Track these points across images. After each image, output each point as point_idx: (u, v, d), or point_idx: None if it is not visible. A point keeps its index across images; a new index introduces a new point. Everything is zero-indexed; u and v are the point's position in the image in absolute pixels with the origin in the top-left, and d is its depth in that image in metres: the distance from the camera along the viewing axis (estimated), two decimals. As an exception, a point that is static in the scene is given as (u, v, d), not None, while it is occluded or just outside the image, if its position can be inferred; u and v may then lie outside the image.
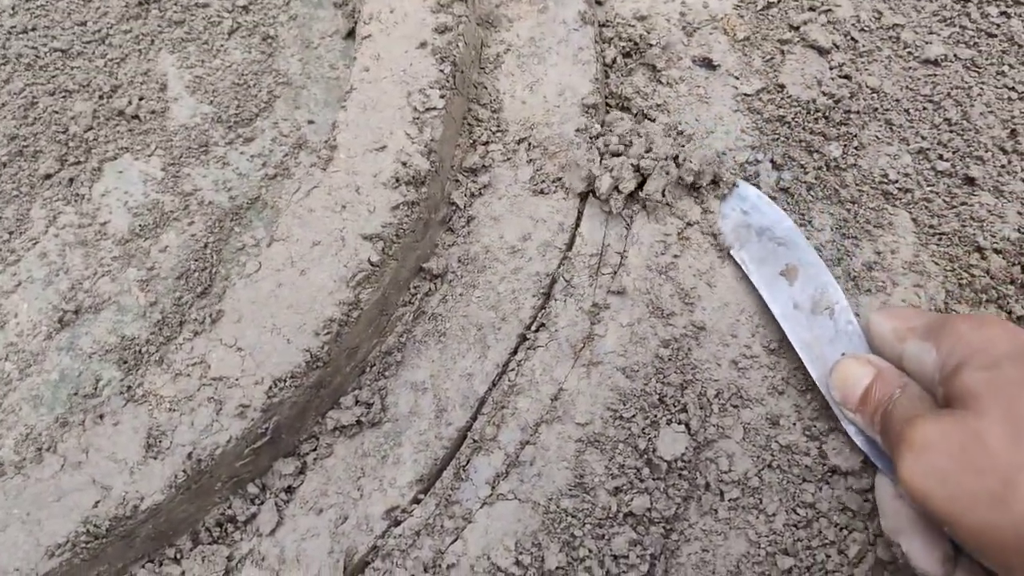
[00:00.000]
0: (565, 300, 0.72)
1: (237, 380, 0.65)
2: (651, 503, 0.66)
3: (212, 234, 0.83)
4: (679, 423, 0.68)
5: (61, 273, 0.83)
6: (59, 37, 0.95)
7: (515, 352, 0.72)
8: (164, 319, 0.79)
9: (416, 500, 0.68)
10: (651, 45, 0.84)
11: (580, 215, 0.76)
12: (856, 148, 0.80)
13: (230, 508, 0.67)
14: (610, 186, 0.74)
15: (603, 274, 0.73)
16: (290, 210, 0.71)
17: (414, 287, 0.75)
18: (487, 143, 0.80)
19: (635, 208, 0.75)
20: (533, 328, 0.72)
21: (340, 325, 0.67)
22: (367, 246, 0.69)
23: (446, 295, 0.75)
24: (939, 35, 0.86)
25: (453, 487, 0.68)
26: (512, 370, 0.71)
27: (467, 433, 0.70)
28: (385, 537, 0.66)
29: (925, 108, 0.82)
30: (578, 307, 0.72)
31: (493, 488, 0.67)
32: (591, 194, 0.76)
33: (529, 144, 0.79)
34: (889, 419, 0.57)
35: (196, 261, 0.82)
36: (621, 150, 0.75)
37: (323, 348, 0.66)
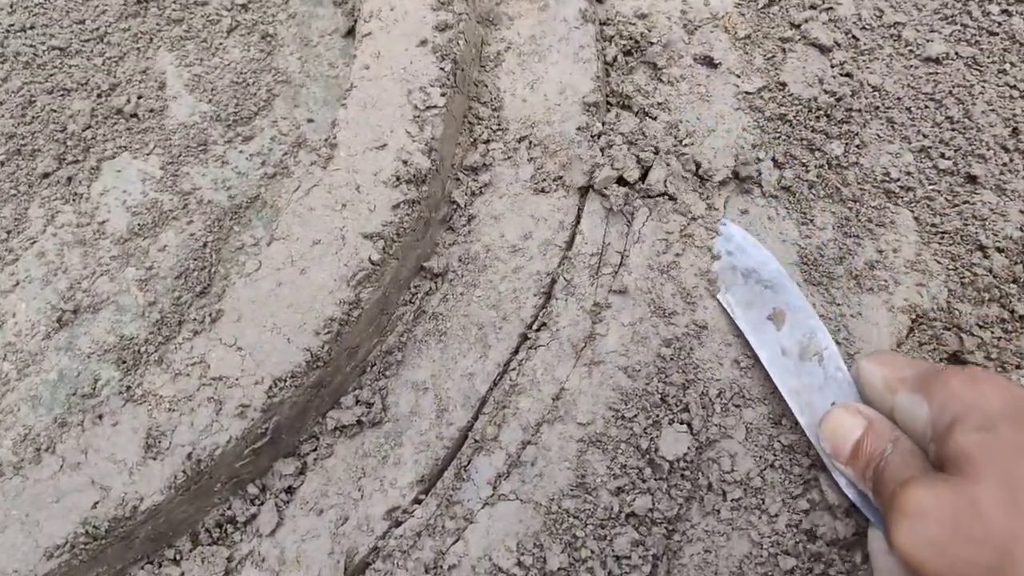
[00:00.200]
0: (566, 299, 0.72)
1: (237, 380, 0.64)
2: (653, 503, 0.66)
3: (211, 233, 0.82)
4: (681, 423, 0.68)
5: (59, 272, 0.82)
6: (57, 35, 0.94)
7: (516, 351, 0.72)
8: (163, 319, 0.79)
9: (417, 500, 0.67)
10: (652, 43, 0.83)
11: (580, 212, 0.75)
12: (858, 146, 0.80)
13: (230, 509, 0.67)
14: (608, 177, 0.73)
15: (604, 273, 0.73)
16: (290, 209, 0.71)
17: (415, 286, 0.74)
18: (488, 141, 0.79)
19: (636, 204, 0.75)
20: (534, 327, 0.72)
21: (340, 324, 0.66)
22: (368, 245, 0.68)
23: (447, 294, 0.74)
24: (940, 33, 0.86)
25: (454, 487, 0.67)
26: (513, 370, 0.71)
27: (468, 433, 0.69)
28: (386, 538, 0.66)
29: (927, 106, 0.82)
30: (579, 306, 0.72)
31: (494, 488, 0.67)
32: (591, 189, 0.76)
33: (530, 142, 0.79)
34: (881, 477, 0.54)
35: (195, 260, 0.81)
36: (624, 148, 0.75)
37: (323, 347, 0.66)
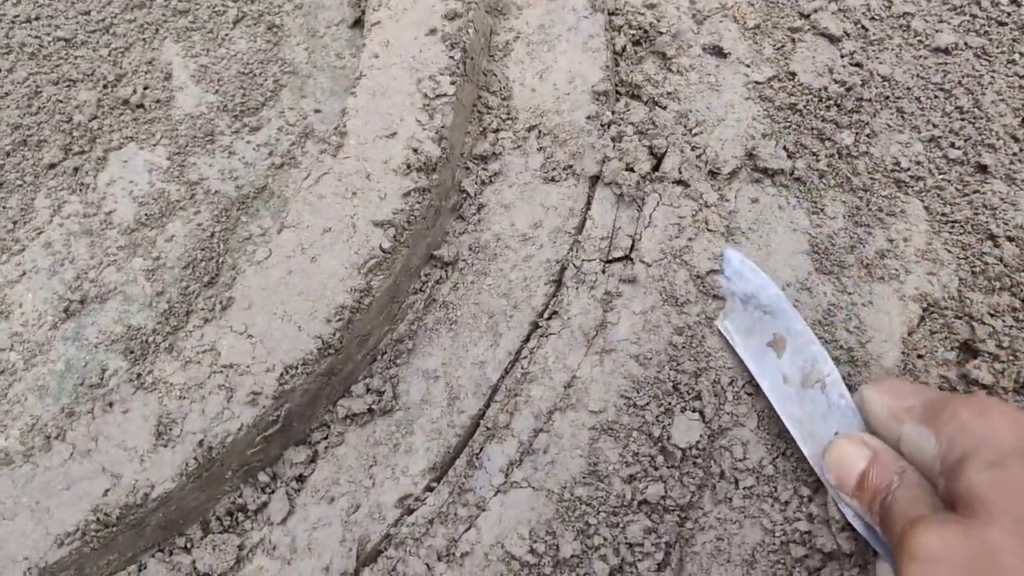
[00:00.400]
0: (577, 287, 0.72)
1: (248, 367, 0.64)
2: (666, 491, 0.65)
3: (219, 223, 0.82)
4: (693, 411, 0.68)
5: (66, 263, 0.82)
6: (63, 26, 0.94)
7: (527, 340, 0.71)
8: (171, 309, 0.79)
9: (429, 488, 0.67)
10: (661, 33, 0.83)
11: (590, 199, 0.75)
12: (868, 136, 0.80)
13: (241, 497, 0.67)
14: (617, 169, 0.73)
15: (614, 257, 0.72)
16: (300, 197, 0.71)
17: (425, 274, 0.74)
18: (497, 130, 0.79)
19: (647, 190, 0.75)
20: (545, 316, 0.72)
21: (351, 312, 0.66)
22: (378, 233, 0.68)
23: (457, 283, 0.74)
24: (949, 23, 0.86)
25: (466, 475, 0.67)
26: (524, 358, 0.70)
27: (480, 421, 0.69)
28: (398, 526, 0.66)
29: (936, 96, 0.82)
30: (590, 294, 0.72)
31: (507, 476, 0.67)
32: (600, 178, 0.76)
33: (539, 132, 0.78)
34: (889, 512, 0.52)
35: (203, 251, 0.81)
36: (635, 139, 0.75)
37: (335, 335, 0.65)
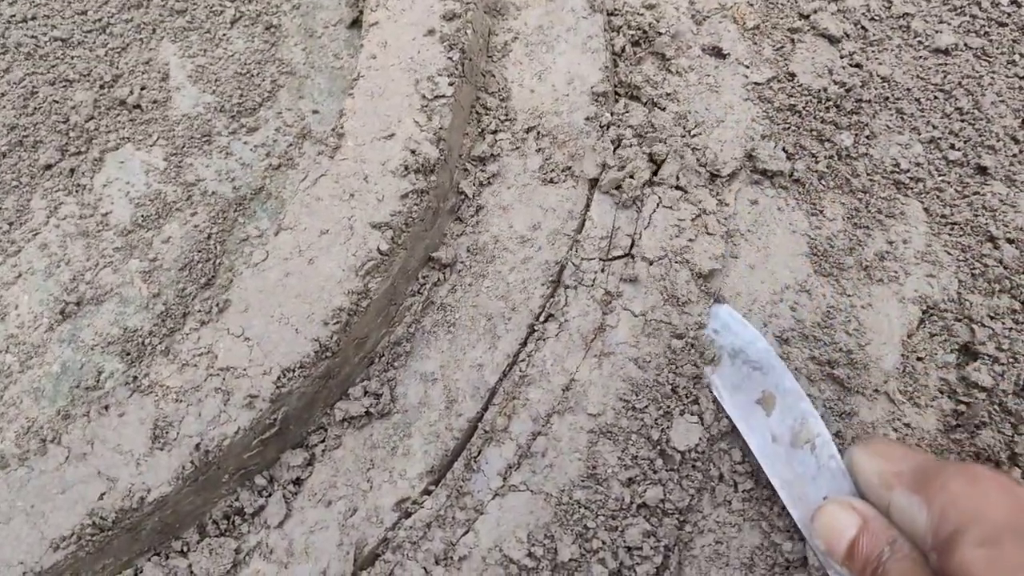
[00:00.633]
0: (576, 288, 0.71)
1: (245, 370, 0.64)
2: (665, 494, 0.65)
3: (216, 225, 0.82)
4: (692, 414, 0.68)
5: (62, 264, 0.81)
6: (59, 26, 0.94)
7: (526, 342, 0.71)
8: (167, 311, 0.78)
9: (427, 492, 0.67)
10: (660, 34, 0.83)
11: (590, 201, 0.75)
12: (867, 137, 0.80)
13: (237, 500, 0.66)
14: (615, 180, 0.73)
15: (614, 257, 0.72)
16: (298, 198, 0.70)
17: (423, 277, 0.74)
18: (496, 132, 0.79)
19: (646, 192, 0.75)
20: (543, 319, 0.72)
21: (349, 314, 0.66)
22: (376, 235, 0.68)
23: (455, 285, 0.74)
24: (949, 24, 0.85)
25: (464, 478, 0.67)
26: (523, 360, 0.70)
27: (478, 424, 0.69)
28: (395, 529, 0.65)
29: (936, 97, 0.82)
30: (589, 295, 0.71)
31: (505, 479, 0.66)
32: (599, 186, 0.75)
33: (538, 133, 0.78)
34: None
35: (199, 252, 0.80)
36: (634, 146, 0.74)
37: (332, 338, 0.65)
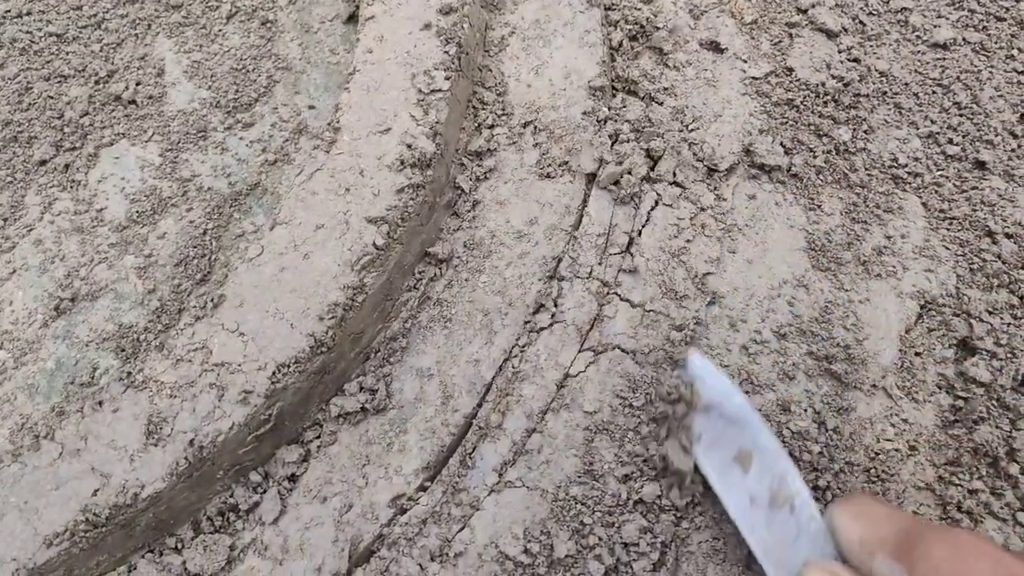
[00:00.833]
0: (572, 281, 0.71)
1: (239, 366, 0.63)
2: (661, 490, 0.65)
3: (211, 220, 0.81)
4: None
5: (57, 260, 0.81)
6: (54, 21, 0.93)
7: (522, 338, 0.71)
8: (163, 307, 0.78)
9: (422, 488, 0.66)
10: (658, 28, 0.83)
11: (588, 196, 0.74)
12: (865, 132, 0.79)
13: (232, 497, 0.66)
14: (613, 175, 0.73)
15: (611, 254, 0.72)
16: (293, 193, 0.70)
17: (419, 272, 0.73)
18: (492, 126, 0.78)
19: (644, 188, 0.74)
20: (539, 313, 0.71)
21: (344, 310, 0.65)
22: (371, 229, 0.67)
23: (451, 280, 0.73)
24: (948, 19, 0.85)
25: (460, 474, 0.66)
26: (516, 356, 0.70)
27: (473, 420, 0.68)
28: (391, 525, 0.65)
29: (934, 92, 0.81)
30: (585, 288, 0.71)
31: (500, 475, 0.66)
32: (597, 181, 0.75)
33: (535, 127, 0.78)
34: None
35: (195, 248, 0.80)
36: (632, 141, 0.74)
37: (327, 333, 0.65)
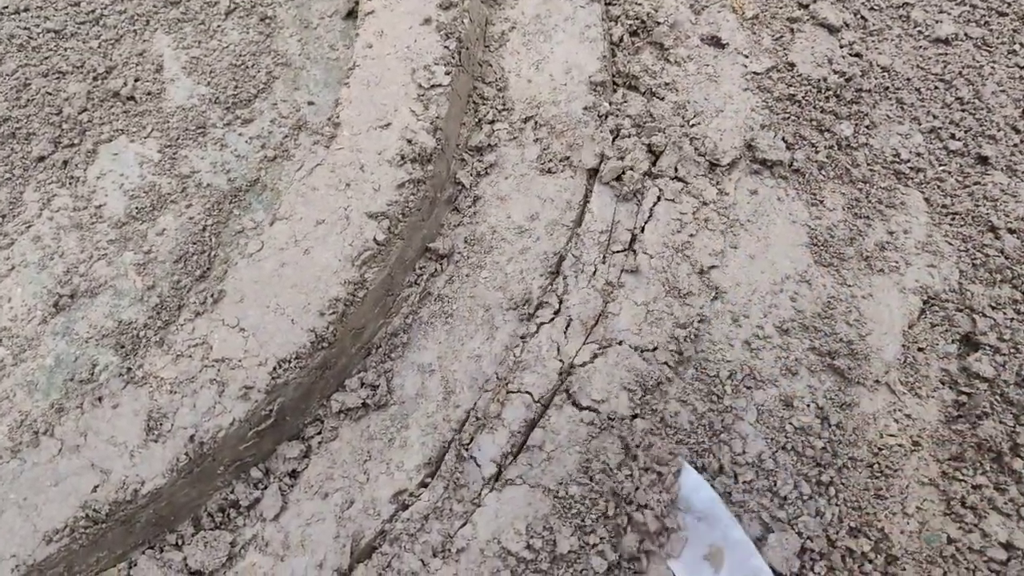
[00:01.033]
0: (576, 277, 0.71)
1: (240, 361, 0.63)
2: (664, 485, 0.65)
3: (211, 217, 0.81)
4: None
5: (56, 257, 0.80)
6: (52, 18, 0.93)
7: (524, 332, 0.70)
8: (162, 303, 0.77)
9: (424, 484, 0.66)
10: (659, 23, 0.82)
11: (589, 192, 0.74)
12: (867, 127, 0.79)
13: (233, 493, 0.65)
14: (615, 170, 0.72)
15: (614, 251, 0.72)
16: (293, 188, 0.70)
17: (420, 268, 0.73)
18: (493, 122, 0.78)
19: (646, 184, 0.74)
20: (542, 307, 0.71)
21: (346, 305, 0.65)
22: (372, 225, 0.67)
23: (453, 276, 0.73)
24: (949, 14, 0.85)
25: (461, 470, 0.66)
26: (517, 347, 0.69)
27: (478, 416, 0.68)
28: (393, 521, 0.64)
29: (936, 87, 0.81)
30: (590, 285, 0.71)
31: (501, 470, 0.66)
32: (599, 176, 0.75)
33: (536, 123, 0.77)
34: None
35: (195, 244, 0.80)
36: (633, 137, 0.74)
37: (328, 328, 0.64)
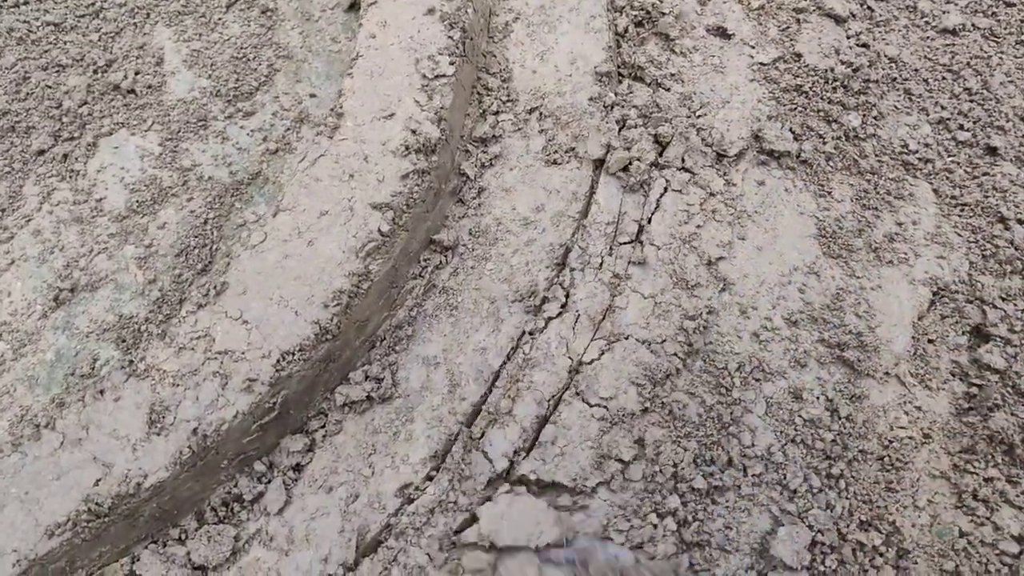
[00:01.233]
0: (583, 269, 0.70)
1: (243, 353, 0.62)
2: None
3: (212, 210, 0.80)
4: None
5: (56, 251, 0.79)
6: (52, 11, 0.92)
7: (532, 328, 0.70)
8: (163, 297, 0.76)
9: (429, 477, 0.65)
10: (664, 14, 0.82)
11: (595, 183, 0.73)
12: (875, 118, 0.78)
13: (236, 487, 0.65)
14: (622, 160, 0.72)
15: (621, 243, 0.71)
16: (296, 179, 0.69)
17: (424, 260, 0.72)
18: (497, 113, 0.77)
19: (653, 175, 0.73)
20: (550, 301, 0.70)
21: (350, 296, 0.64)
22: (376, 216, 0.66)
23: (457, 268, 0.72)
24: (956, 4, 0.84)
25: (468, 462, 0.65)
26: (526, 343, 0.69)
27: (482, 408, 0.67)
28: (398, 515, 0.64)
29: (944, 78, 0.81)
30: (597, 277, 0.70)
31: (512, 464, 0.65)
32: (606, 167, 0.74)
33: (540, 114, 0.77)
34: None
35: (196, 238, 0.79)
36: (639, 127, 0.73)
37: (332, 320, 0.63)
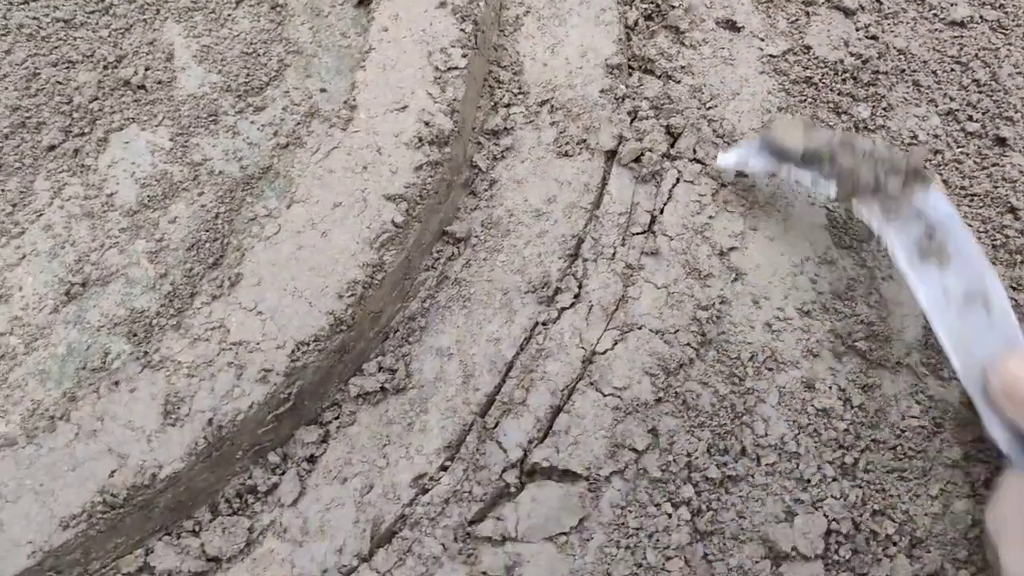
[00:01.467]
0: (596, 260, 0.70)
1: (258, 344, 0.62)
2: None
3: (223, 204, 0.80)
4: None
5: (67, 245, 0.80)
6: (62, 7, 0.92)
7: (545, 318, 0.70)
8: (175, 291, 0.77)
9: (444, 467, 0.65)
10: (673, 7, 0.82)
11: (607, 174, 0.73)
12: (884, 109, 0.79)
13: (251, 478, 0.65)
14: (634, 151, 0.72)
15: (633, 233, 0.71)
16: (310, 171, 0.69)
17: (437, 251, 0.72)
18: (508, 105, 0.78)
19: (665, 166, 0.74)
20: (562, 292, 0.70)
21: (364, 287, 0.64)
22: (390, 207, 0.67)
23: (470, 259, 0.73)
24: (964, -3, 0.85)
25: (483, 451, 0.65)
26: (540, 334, 0.69)
27: (495, 398, 0.67)
28: (413, 505, 0.64)
29: (953, 69, 0.81)
30: (609, 268, 0.70)
31: (526, 454, 0.65)
32: (617, 155, 0.74)
33: (552, 106, 0.77)
34: None
35: (207, 232, 0.79)
36: (652, 119, 0.73)
37: (347, 311, 0.64)
